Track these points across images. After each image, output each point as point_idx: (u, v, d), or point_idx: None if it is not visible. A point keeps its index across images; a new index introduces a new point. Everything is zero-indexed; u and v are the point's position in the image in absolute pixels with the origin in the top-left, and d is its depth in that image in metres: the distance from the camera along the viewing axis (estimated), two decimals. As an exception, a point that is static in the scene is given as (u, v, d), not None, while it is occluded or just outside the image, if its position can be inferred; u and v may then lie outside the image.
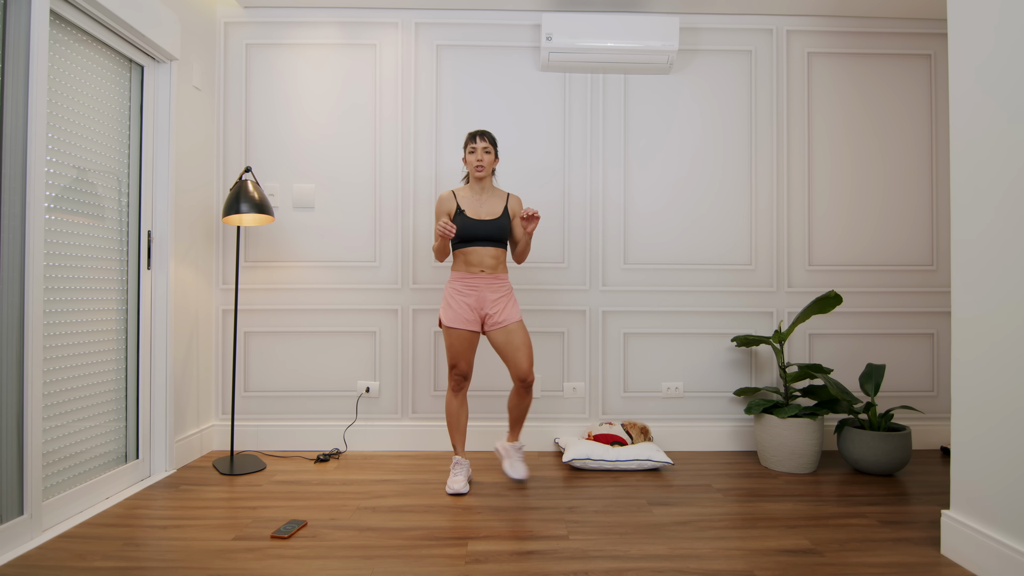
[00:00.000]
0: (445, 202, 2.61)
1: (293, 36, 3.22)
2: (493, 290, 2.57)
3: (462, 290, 2.56)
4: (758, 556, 1.94)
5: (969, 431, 1.90)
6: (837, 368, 3.28)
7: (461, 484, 2.53)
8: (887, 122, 3.30)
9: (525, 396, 2.59)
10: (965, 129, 1.93)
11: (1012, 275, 1.75)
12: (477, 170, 2.57)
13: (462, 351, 2.55)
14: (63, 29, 2.22)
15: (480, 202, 2.60)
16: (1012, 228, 1.75)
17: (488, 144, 2.58)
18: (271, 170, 3.21)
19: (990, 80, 1.83)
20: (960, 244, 1.95)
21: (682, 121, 3.27)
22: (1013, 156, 1.75)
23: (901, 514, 2.32)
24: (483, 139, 2.58)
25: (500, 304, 2.56)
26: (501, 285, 2.59)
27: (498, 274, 2.59)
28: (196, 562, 1.88)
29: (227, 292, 3.19)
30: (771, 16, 3.27)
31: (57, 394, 2.19)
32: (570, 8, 3.15)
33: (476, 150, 2.57)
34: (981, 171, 1.87)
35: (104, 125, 2.45)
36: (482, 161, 2.56)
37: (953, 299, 1.98)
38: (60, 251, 2.20)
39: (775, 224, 3.27)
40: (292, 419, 3.20)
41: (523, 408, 2.63)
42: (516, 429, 2.68)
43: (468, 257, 2.57)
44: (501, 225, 2.57)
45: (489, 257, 2.57)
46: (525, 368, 2.53)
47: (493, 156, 2.59)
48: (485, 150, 2.57)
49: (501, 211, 2.60)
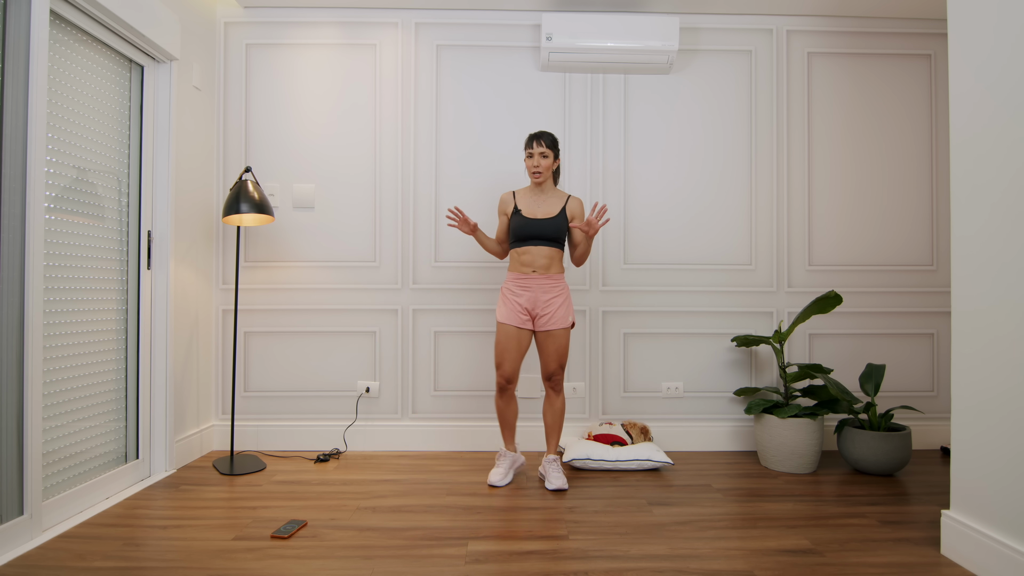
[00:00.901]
0: (504, 202, 2.64)
1: (293, 36, 3.22)
2: (545, 290, 2.56)
3: (515, 290, 2.57)
4: (758, 556, 1.94)
5: (969, 429, 1.90)
6: (837, 368, 3.28)
7: (498, 476, 2.57)
8: (887, 122, 3.30)
9: (552, 397, 2.62)
10: (965, 128, 1.93)
11: (1012, 270, 1.75)
12: (535, 176, 2.56)
13: (508, 349, 2.55)
14: (63, 29, 2.22)
15: (538, 202, 2.60)
16: (1011, 224, 1.75)
17: (546, 148, 2.54)
18: (271, 170, 3.21)
19: (990, 79, 1.83)
20: (960, 240, 1.95)
21: (682, 121, 3.27)
22: (1013, 154, 1.75)
23: (901, 514, 2.32)
24: (540, 143, 2.54)
25: (553, 305, 2.56)
26: (554, 285, 2.57)
27: (551, 274, 2.57)
28: (196, 562, 1.88)
29: (227, 292, 3.19)
30: (771, 16, 3.27)
31: (57, 394, 2.19)
32: (570, 8, 3.15)
33: (533, 155, 2.55)
34: (980, 168, 1.86)
35: (104, 125, 2.45)
36: (539, 166, 2.54)
37: (953, 294, 1.98)
38: (60, 251, 2.20)
39: (775, 224, 3.27)
40: (292, 419, 3.20)
41: (554, 414, 2.63)
42: (552, 441, 2.66)
43: (521, 257, 2.57)
44: (556, 225, 2.55)
45: (542, 257, 2.55)
46: (551, 367, 2.58)
47: (552, 159, 2.56)
48: (543, 155, 2.54)
49: (558, 211, 2.57)
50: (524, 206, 2.59)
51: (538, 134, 2.56)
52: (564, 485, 2.52)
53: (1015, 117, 1.75)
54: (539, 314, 2.56)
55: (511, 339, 2.54)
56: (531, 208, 2.58)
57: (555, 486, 2.52)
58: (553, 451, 2.67)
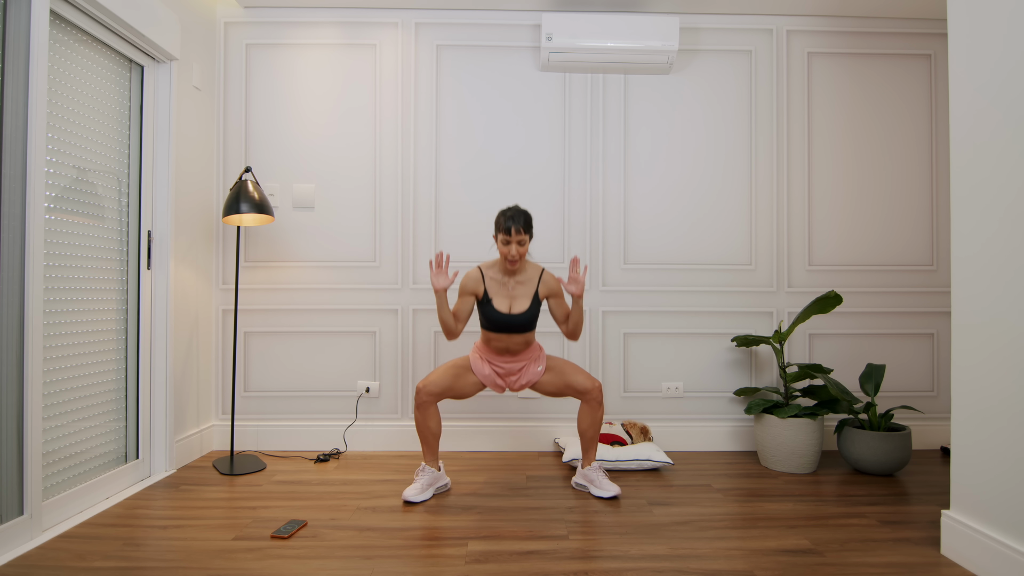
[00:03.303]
0: (472, 282, 2.45)
1: (293, 36, 3.22)
2: (518, 362, 2.50)
3: (492, 364, 2.50)
4: (758, 556, 1.94)
5: (969, 428, 1.90)
6: (837, 368, 3.28)
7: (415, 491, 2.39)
8: (887, 122, 3.30)
9: (597, 409, 2.46)
10: (965, 129, 1.92)
11: (1011, 270, 1.75)
12: (511, 264, 2.40)
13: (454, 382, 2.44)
14: (63, 29, 2.22)
15: (509, 289, 2.45)
16: (1012, 227, 1.75)
17: (523, 235, 2.34)
18: (271, 170, 3.21)
19: (990, 79, 1.83)
20: (960, 240, 1.95)
21: (682, 121, 3.27)
22: (1013, 154, 1.75)
23: (901, 514, 2.32)
24: (519, 231, 2.33)
25: (521, 373, 2.50)
26: (526, 358, 2.51)
27: (525, 352, 2.51)
28: (196, 562, 1.88)
29: (227, 292, 3.19)
30: (771, 16, 3.27)
31: (57, 394, 2.19)
32: (570, 8, 3.15)
33: (511, 243, 2.34)
34: (980, 168, 1.86)
35: (104, 125, 2.45)
36: (515, 256, 2.37)
37: (953, 295, 1.98)
38: (60, 251, 2.20)
39: (775, 224, 3.27)
40: (292, 419, 3.20)
41: (596, 425, 2.47)
42: (591, 452, 2.52)
43: (493, 343, 2.48)
44: (532, 316, 2.44)
45: (517, 345, 2.47)
46: (583, 380, 2.45)
47: (528, 243, 2.39)
48: (520, 243, 2.35)
49: (530, 301, 2.44)
50: (495, 294, 2.43)
51: (514, 216, 2.34)
52: (619, 491, 2.45)
53: (1016, 118, 1.74)
54: (512, 383, 2.51)
55: (463, 371, 2.46)
56: (502, 300, 2.43)
57: (611, 493, 2.43)
58: (591, 462, 2.53)
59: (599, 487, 2.47)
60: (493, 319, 2.42)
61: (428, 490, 2.45)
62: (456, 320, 2.43)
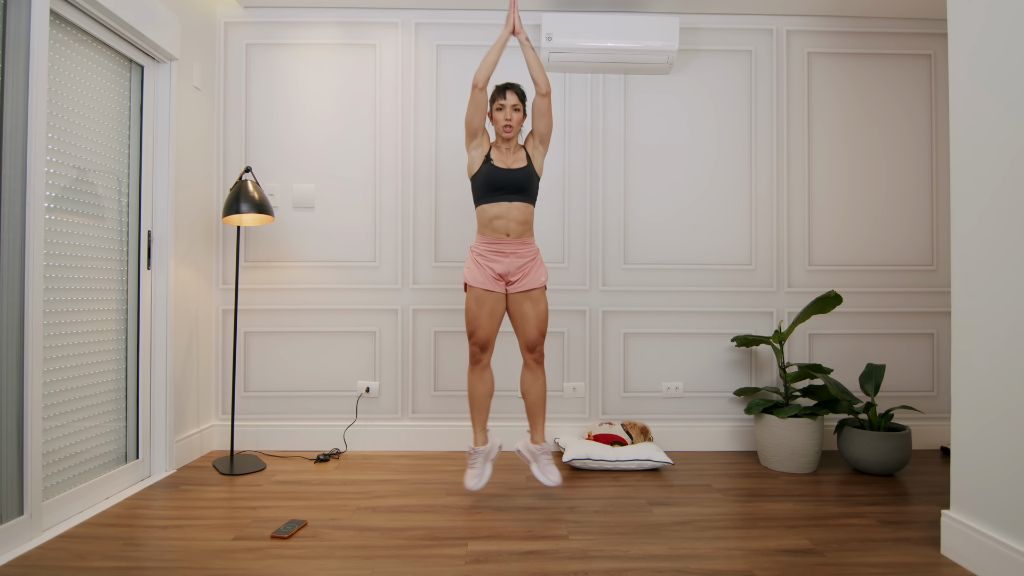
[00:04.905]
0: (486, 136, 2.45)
1: (293, 36, 3.22)
2: (520, 256, 2.40)
3: (488, 256, 2.39)
4: (758, 556, 1.94)
5: (969, 429, 1.90)
6: (837, 368, 3.28)
7: (475, 479, 2.36)
8: (887, 122, 3.30)
9: (535, 370, 2.41)
10: (964, 127, 1.93)
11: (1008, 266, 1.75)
12: (505, 130, 2.37)
13: (482, 314, 2.36)
14: (63, 29, 2.22)
15: (507, 155, 2.43)
16: (1011, 225, 1.75)
17: (517, 100, 2.38)
18: (271, 170, 3.21)
19: (989, 79, 1.83)
20: (959, 238, 1.95)
21: (682, 121, 3.27)
22: (1013, 153, 1.75)
23: (901, 514, 2.32)
24: (513, 93, 2.37)
25: (525, 269, 2.41)
26: (528, 250, 2.42)
27: (525, 239, 2.41)
28: (196, 562, 1.88)
29: (227, 292, 3.19)
30: (771, 16, 3.27)
31: (57, 394, 2.19)
32: (570, 8, 3.15)
33: (505, 107, 2.37)
34: (979, 167, 1.86)
35: (104, 125, 2.45)
36: (511, 120, 2.37)
37: (953, 293, 1.98)
38: (60, 251, 2.20)
39: (775, 224, 3.27)
40: (292, 419, 3.20)
41: (537, 392, 2.42)
42: (538, 426, 2.44)
43: (494, 222, 2.37)
44: (528, 173, 2.40)
45: (516, 222, 2.37)
46: (534, 336, 2.38)
47: (522, 114, 2.40)
48: (514, 107, 2.37)
49: (526, 160, 2.42)
50: (495, 157, 2.41)
51: (509, 84, 2.39)
52: (560, 481, 2.39)
53: (1015, 117, 1.75)
54: (513, 279, 2.41)
55: (485, 304, 2.36)
56: (502, 159, 2.41)
57: (553, 481, 2.37)
58: (541, 439, 2.44)
59: (541, 471, 2.40)
60: (494, 175, 2.36)
61: (488, 464, 2.41)
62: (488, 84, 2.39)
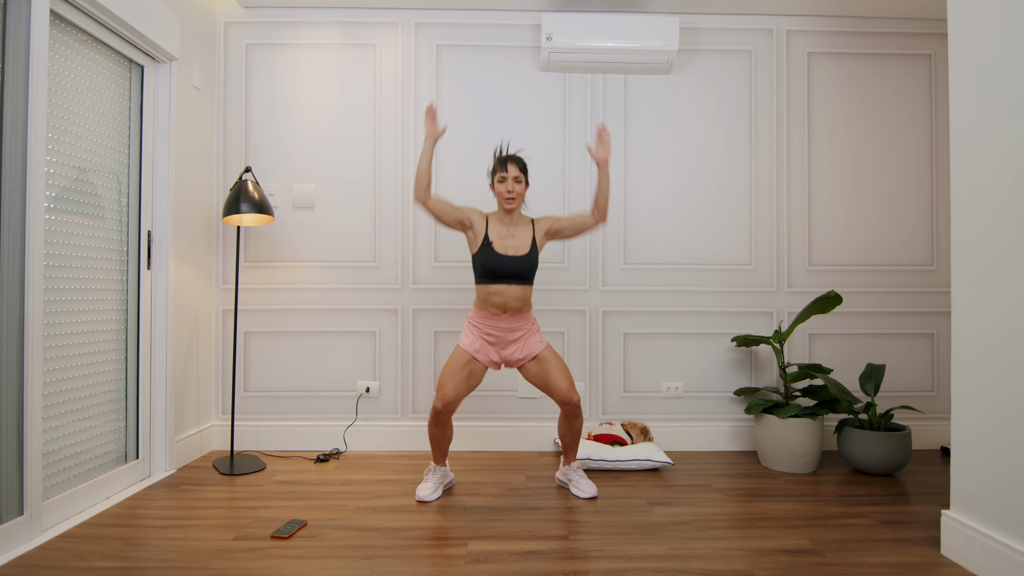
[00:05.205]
0: (476, 215, 2.44)
1: (293, 36, 3.22)
2: (515, 329, 2.43)
3: (486, 331, 2.42)
4: (758, 556, 1.94)
5: (969, 429, 1.90)
6: (837, 368, 3.28)
7: (428, 491, 2.42)
8: (887, 122, 3.30)
9: (574, 420, 2.44)
10: (965, 129, 1.93)
11: (1011, 273, 1.75)
12: (507, 202, 2.38)
13: (459, 375, 2.36)
14: (63, 29, 2.22)
15: (508, 234, 2.41)
16: (1012, 227, 1.75)
17: (519, 172, 2.38)
18: (271, 170, 3.21)
19: (990, 80, 1.83)
20: (960, 244, 1.95)
21: (682, 121, 3.27)
22: (1014, 156, 1.75)
23: (901, 514, 2.32)
24: (514, 166, 2.38)
25: (521, 342, 2.44)
26: (524, 324, 2.45)
27: (522, 314, 2.43)
28: (196, 562, 1.88)
29: (227, 292, 3.19)
30: (771, 16, 3.27)
31: (57, 394, 2.19)
32: (570, 8, 3.15)
33: (507, 179, 2.37)
34: (981, 170, 1.86)
35: (104, 125, 2.45)
36: (512, 192, 2.37)
37: (953, 297, 1.98)
38: (60, 251, 2.20)
39: (775, 224, 3.27)
40: (292, 419, 3.20)
41: (575, 433, 2.48)
42: (571, 453, 2.55)
43: (492, 299, 2.39)
44: (529, 261, 2.40)
45: (515, 300, 2.39)
46: (566, 388, 2.40)
47: (524, 184, 2.40)
48: (516, 179, 2.37)
49: (529, 246, 2.41)
50: (495, 238, 2.39)
51: (510, 156, 2.39)
52: (595, 491, 2.47)
53: (1016, 118, 1.75)
54: (508, 354, 2.43)
55: (467, 367, 2.37)
56: (502, 242, 2.39)
57: (591, 493, 2.45)
58: (573, 460, 2.56)
59: (577, 487, 2.50)
60: (493, 263, 2.36)
61: (439, 488, 2.49)
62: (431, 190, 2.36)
